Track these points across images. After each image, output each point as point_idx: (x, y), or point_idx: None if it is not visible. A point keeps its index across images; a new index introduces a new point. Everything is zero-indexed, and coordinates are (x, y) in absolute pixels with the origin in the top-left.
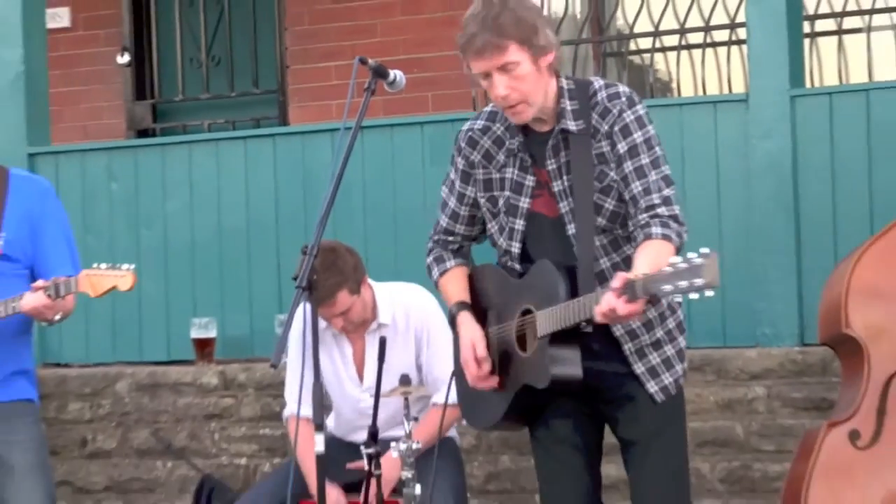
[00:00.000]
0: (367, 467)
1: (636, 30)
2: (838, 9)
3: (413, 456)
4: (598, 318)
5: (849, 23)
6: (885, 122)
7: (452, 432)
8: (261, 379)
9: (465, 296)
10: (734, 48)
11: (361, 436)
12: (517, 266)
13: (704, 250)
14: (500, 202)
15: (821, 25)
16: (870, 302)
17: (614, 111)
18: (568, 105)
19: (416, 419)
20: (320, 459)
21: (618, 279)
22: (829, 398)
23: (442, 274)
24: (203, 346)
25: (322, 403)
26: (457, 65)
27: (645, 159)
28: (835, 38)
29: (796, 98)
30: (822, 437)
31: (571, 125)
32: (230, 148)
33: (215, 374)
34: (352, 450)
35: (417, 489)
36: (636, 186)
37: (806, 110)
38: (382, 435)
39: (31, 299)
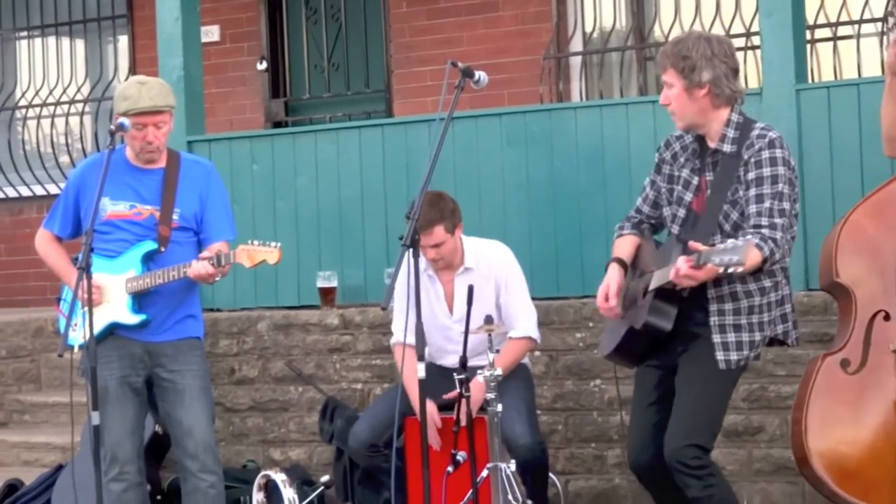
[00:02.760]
0: (458, 388)
1: (670, 38)
2: (833, 20)
3: (495, 381)
4: (671, 275)
5: (842, 31)
6: (873, 110)
7: (525, 360)
8: (373, 320)
9: (620, 253)
10: (749, 52)
11: (449, 360)
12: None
13: (746, 237)
14: (674, 193)
15: (819, 33)
16: (853, 256)
17: (756, 146)
18: (730, 133)
19: (497, 351)
20: (421, 383)
21: (690, 247)
22: (829, 333)
23: (617, 237)
24: (326, 293)
25: (424, 340)
26: (527, 68)
27: (766, 190)
28: (830, 44)
29: (801, 91)
30: (818, 365)
31: (726, 148)
32: (347, 136)
33: (336, 316)
34: (444, 373)
35: (499, 407)
36: (753, 209)
37: (809, 101)
38: (469, 363)
39: (198, 268)
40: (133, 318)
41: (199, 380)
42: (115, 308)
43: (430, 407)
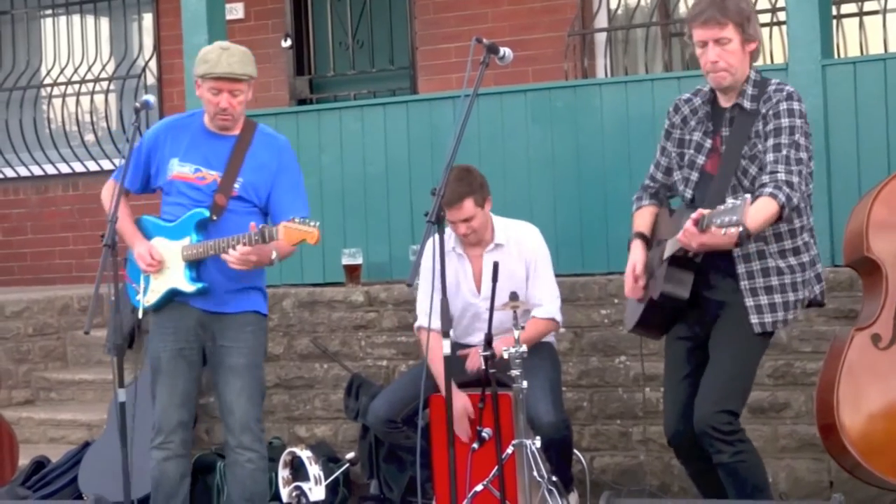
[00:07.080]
0: (482, 366)
1: None
2: None
3: (520, 358)
4: (679, 237)
5: (868, 6)
6: None
7: (551, 338)
8: (398, 297)
9: (642, 228)
10: (775, 28)
11: (476, 338)
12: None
13: (744, 196)
14: (685, 157)
15: (845, 9)
16: (884, 232)
17: (774, 99)
18: (749, 89)
19: (522, 327)
20: (447, 360)
21: (696, 212)
22: (854, 309)
23: (637, 209)
24: (352, 270)
25: (449, 316)
26: (552, 44)
27: (784, 140)
28: (856, 19)
29: (826, 67)
30: (850, 340)
31: (746, 104)
32: (372, 112)
33: (361, 293)
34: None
35: (524, 384)
36: (770, 157)
37: (834, 76)
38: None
39: (228, 259)
40: (190, 287)
41: (244, 357)
42: (175, 275)
43: (464, 399)
